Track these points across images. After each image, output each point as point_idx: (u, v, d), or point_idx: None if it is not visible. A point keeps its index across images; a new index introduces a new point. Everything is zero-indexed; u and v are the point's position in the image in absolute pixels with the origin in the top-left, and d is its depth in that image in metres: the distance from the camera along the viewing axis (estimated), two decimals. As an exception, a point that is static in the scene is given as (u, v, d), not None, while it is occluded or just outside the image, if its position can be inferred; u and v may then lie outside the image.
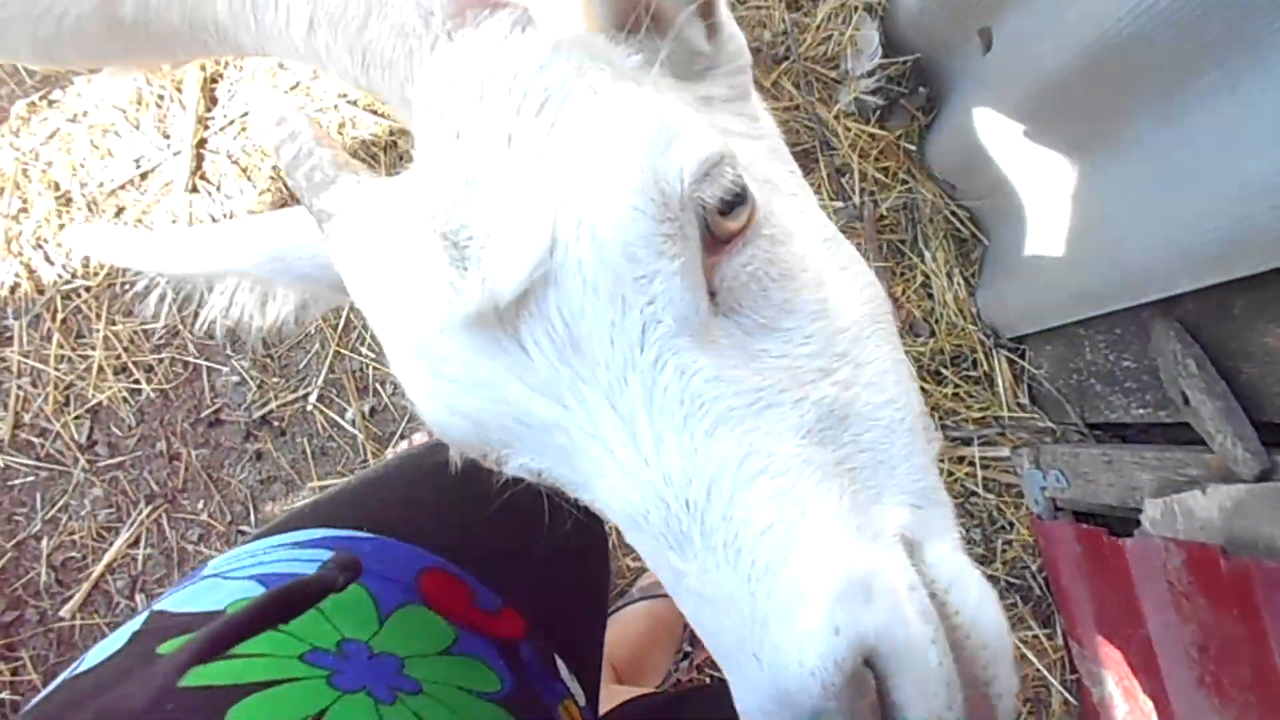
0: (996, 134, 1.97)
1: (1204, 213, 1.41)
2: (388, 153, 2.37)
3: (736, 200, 0.64)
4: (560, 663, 1.00)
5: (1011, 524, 2.20)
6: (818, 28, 2.31)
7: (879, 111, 2.29)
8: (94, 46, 1.45)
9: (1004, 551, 2.20)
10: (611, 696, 1.36)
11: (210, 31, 1.32)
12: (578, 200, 0.60)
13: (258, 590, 0.80)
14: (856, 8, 2.29)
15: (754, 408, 0.61)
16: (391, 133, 2.37)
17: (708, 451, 0.58)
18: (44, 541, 2.29)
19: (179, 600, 0.81)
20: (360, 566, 0.75)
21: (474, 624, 0.91)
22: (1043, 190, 1.97)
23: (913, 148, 2.32)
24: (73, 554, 2.30)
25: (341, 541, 0.91)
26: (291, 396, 2.33)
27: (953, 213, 2.29)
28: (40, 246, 2.37)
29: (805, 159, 2.31)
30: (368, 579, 0.85)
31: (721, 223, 0.64)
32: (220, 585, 0.82)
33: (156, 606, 0.81)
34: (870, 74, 2.26)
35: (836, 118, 2.29)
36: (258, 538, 0.93)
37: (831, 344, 0.67)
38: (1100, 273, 1.76)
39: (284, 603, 0.67)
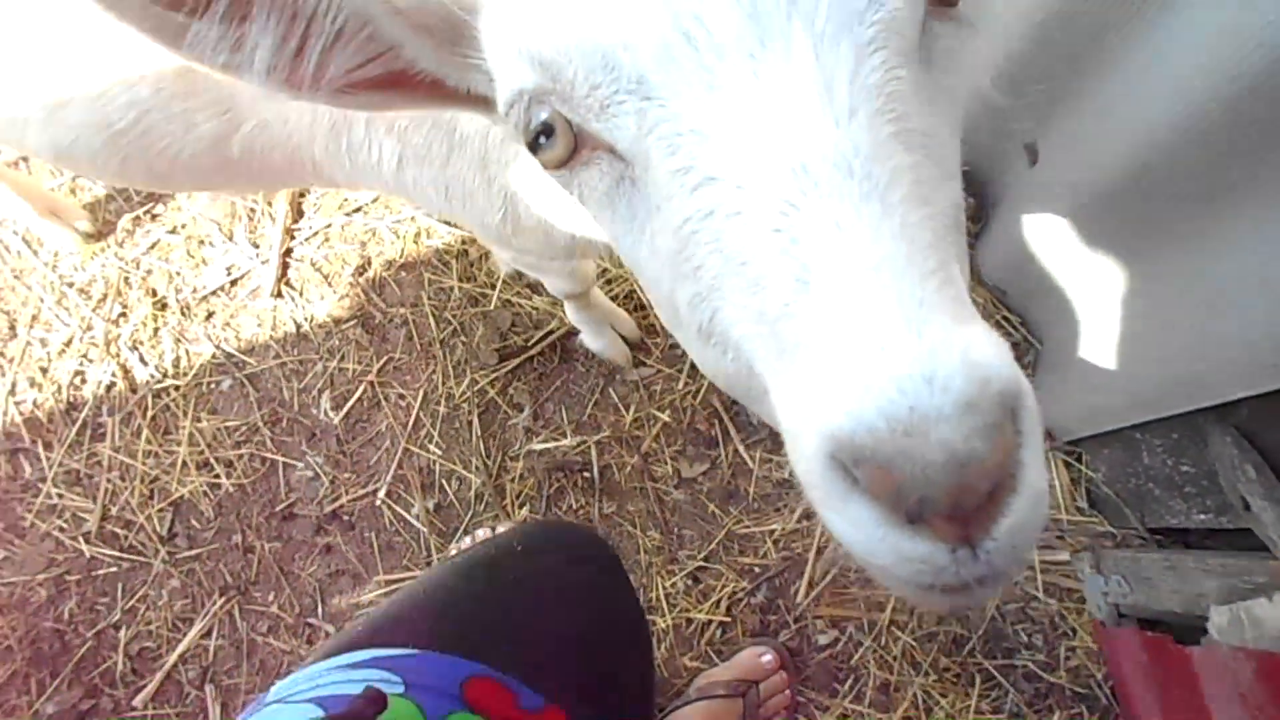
0: (1046, 241, 2.03)
1: (1255, 321, 1.44)
2: (459, 260, 2.51)
3: None
4: None
5: (1074, 630, 2.17)
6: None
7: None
8: (202, 179, 1.62)
9: (1067, 659, 2.16)
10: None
11: (308, 169, 1.47)
12: None
13: (317, 713, 0.87)
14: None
15: (926, 150, 0.60)
16: (463, 241, 2.51)
17: (894, 149, 0.57)
18: (122, 631, 2.38)
19: None
20: (384, 700, 0.80)
21: None
22: (1094, 295, 2.02)
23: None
24: (148, 644, 2.38)
25: (391, 660, 0.98)
26: (361, 492, 2.42)
27: (1005, 318, 2.34)
28: (136, 348, 2.54)
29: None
30: (415, 692, 0.92)
31: None
32: (281, 711, 0.90)
33: None
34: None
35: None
36: (319, 659, 1.00)
37: (957, 164, 0.68)
38: (1154, 378, 1.79)
39: None
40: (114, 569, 2.42)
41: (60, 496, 2.45)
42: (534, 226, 1.37)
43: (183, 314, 2.55)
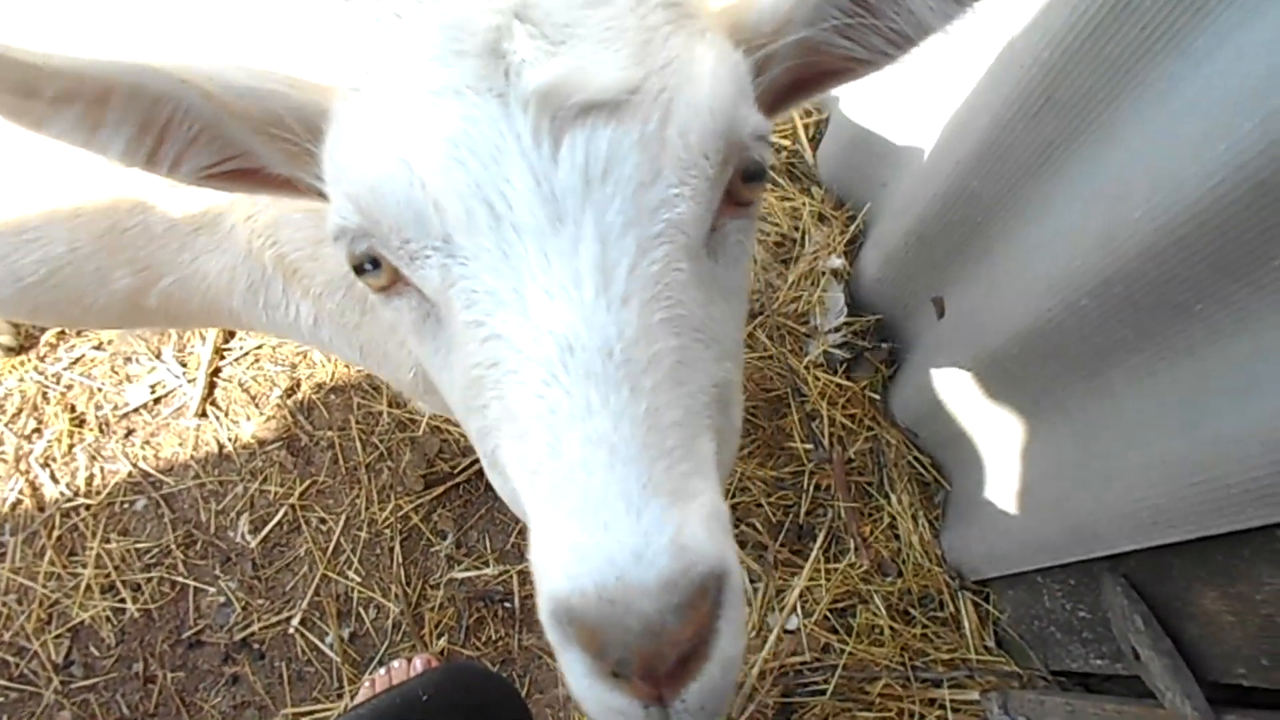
0: (952, 390, 2.16)
1: (1135, 481, 1.56)
2: (389, 385, 2.53)
3: (759, 174, 0.75)
4: None
5: (985, 771, 2.21)
6: (790, 287, 2.57)
7: (845, 364, 2.51)
8: (117, 323, 1.64)
9: (979, 800, 2.19)
10: None
11: (226, 317, 1.51)
12: (675, 75, 0.68)
13: None
14: (824, 273, 2.55)
15: (697, 334, 0.69)
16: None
17: (659, 335, 0.64)
18: (3, 768, 2.23)
19: None
20: None
21: None
22: (996, 443, 2.14)
23: (877, 397, 2.51)
24: (30, 782, 2.23)
25: None
26: (274, 619, 2.36)
27: (915, 459, 2.45)
28: (48, 465, 2.47)
29: (778, 404, 2.50)
30: None
31: (740, 188, 0.75)
32: None
33: None
34: (836, 330, 2.50)
35: (807, 368, 2.50)
36: None
37: (735, 344, 0.78)
38: (1051, 525, 1.89)
39: None
40: (0, 699, 2.28)
41: (-51, 621, 2.33)
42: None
43: (100, 431, 2.50)
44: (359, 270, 0.76)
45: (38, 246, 1.34)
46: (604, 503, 0.58)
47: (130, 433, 2.52)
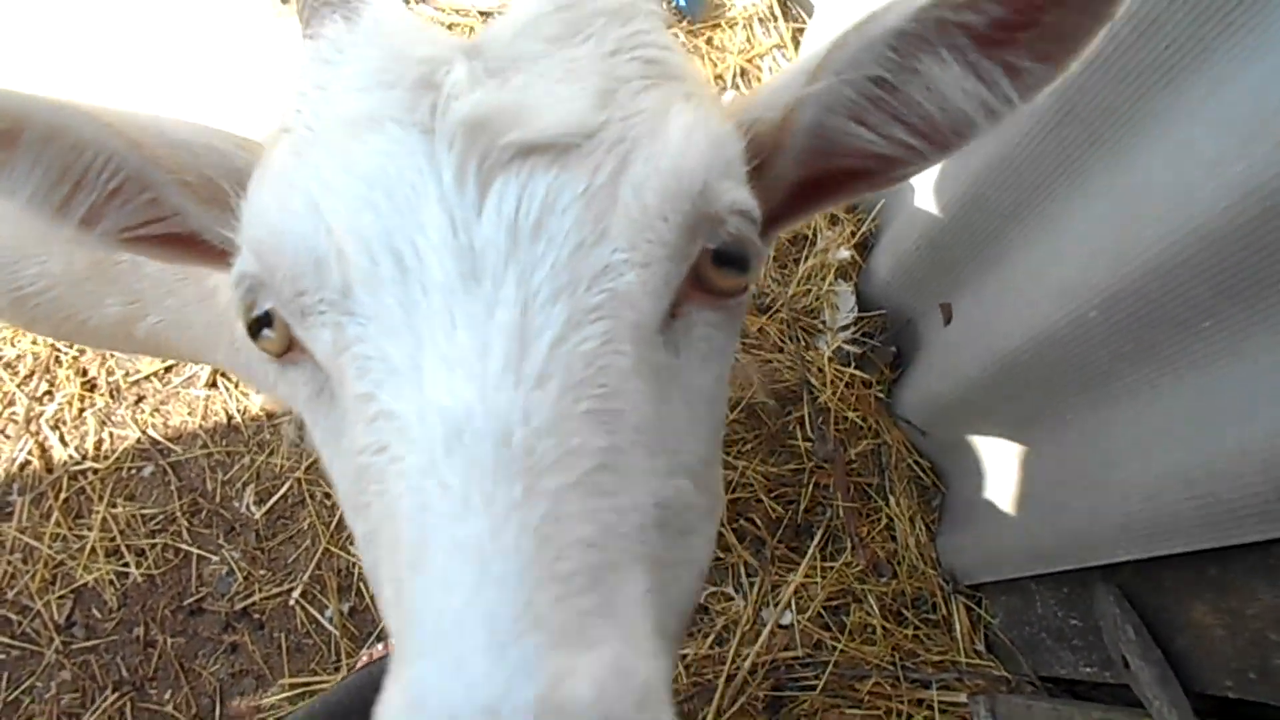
0: (955, 396, 2.18)
1: (1133, 493, 1.58)
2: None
3: (737, 262, 0.63)
4: None
5: (970, 772, 2.24)
6: (799, 281, 2.59)
7: (854, 360, 2.53)
8: (109, 344, 1.67)
9: (962, 801, 2.22)
10: None
11: (211, 360, 1.51)
12: (639, 128, 0.59)
13: None
14: (833, 265, 2.58)
15: (638, 436, 0.56)
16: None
17: (581, 428, 0.52)
18: (1, 724, 2.26)
19: None
20: None
21: None
22: (997, 450, 2.17)
23: (883, 396, 2.54)
24: (28, 739, 2.26)
25: None
26: (275, 590, 2.39)
27: (915, 462, 2.48)
28: (58, 428, 2.49)
29: (786, 399, 2.52)
30: None
31: (713, 271, 0.63)
32: None
33: None
34: (846, 327, 2.52)
35: (816, 362, 2.53)
36: None
37: (697, 460, 0.63)
38: (1047, 533, 1.92)
39: None
40: (1, 656, 2.31)
41: (-46, 576, 2.35)
42: None
43: (111, 396, 2.53)
44: (253, 331, 0.65)
45: (36, 262, 1.36)
46: (461, 633, 0.45)
47: (140, 399, 2.54)
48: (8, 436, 2.49)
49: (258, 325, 0.65)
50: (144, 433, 2.50)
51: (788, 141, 0.69)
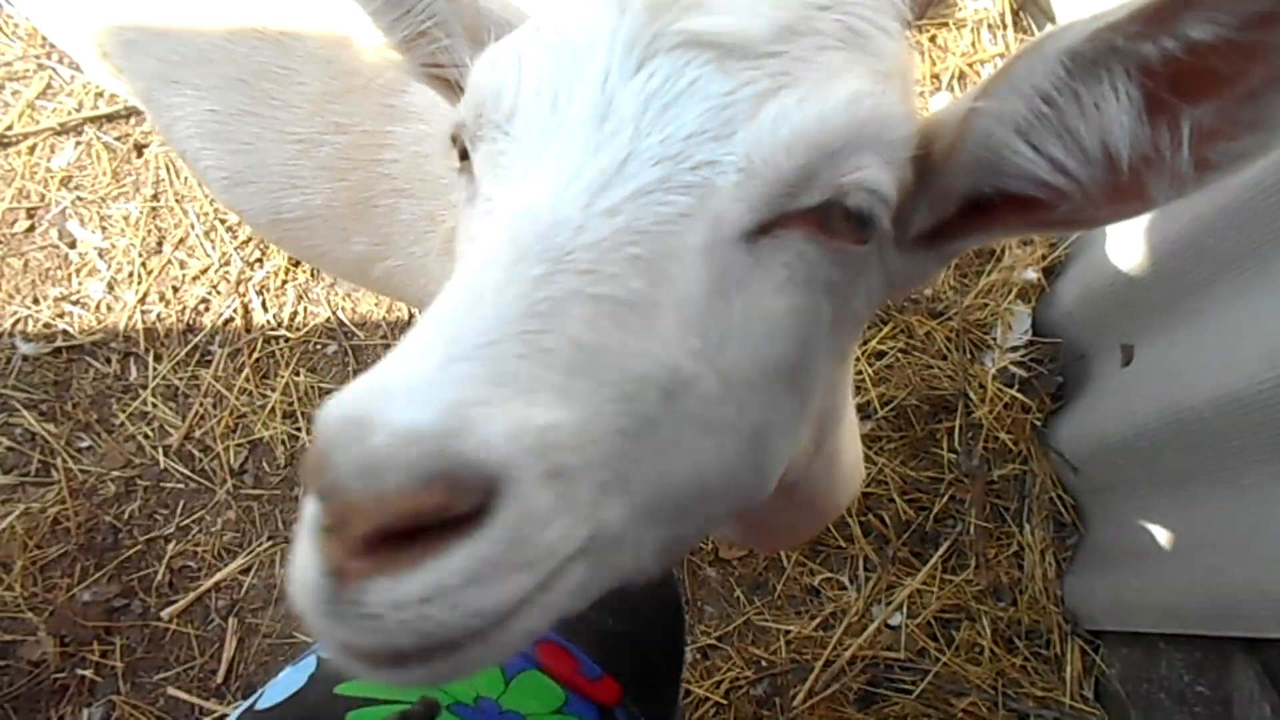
0: (1119, 439, 2.13)
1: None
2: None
3: (861, 219, 0.64)
4: None
5: (1051, 812, 2.23)
6: (977, 294, 2.57)
7: (1017, 383, 2.50)
8: (344, 275, 2.10)
9: (1037, 837, 2.22)
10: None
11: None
12: (808, 73, 0.62)
13: None
14: (1016, 285, 2.54)
15: (679, 306, 0.58)
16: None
17: (625, 265, 0.56)
18: (171, 545, 2.52)
19: None
20: (438, 706, 0.88)
21: (579, 688, 1.07)
22: (1155, 501, 2.11)
23: (1039, 425, 2.50)
24: (190, 563, 2.52)
25: None
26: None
27: (1059, 496, 2.44)
28: (262, 293, 2.73)
29: (939, 407, 2.51)
30: None
31: (839, 220, 0.64)
32: None
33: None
34: (1016, 349, 2.49)
35: (979, 377, 2.51)
36: None
37: (742, 378, 0.62)
38: (1193, 595, 1.88)
39: None
40: (181, 486, 2.57)
41: (154, 406, 2.63)
42: None
43: (312, 275, 2.75)
44: (464, 153, 0.74)
45: (301, 194, 1.51)
46: (425, 345, 0.49)
47: (335, 283, 2.75)
48: (219, 292, 2.74)
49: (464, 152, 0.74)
50: (334, 313, 2.71)
51: (960, 147, 0.68)
